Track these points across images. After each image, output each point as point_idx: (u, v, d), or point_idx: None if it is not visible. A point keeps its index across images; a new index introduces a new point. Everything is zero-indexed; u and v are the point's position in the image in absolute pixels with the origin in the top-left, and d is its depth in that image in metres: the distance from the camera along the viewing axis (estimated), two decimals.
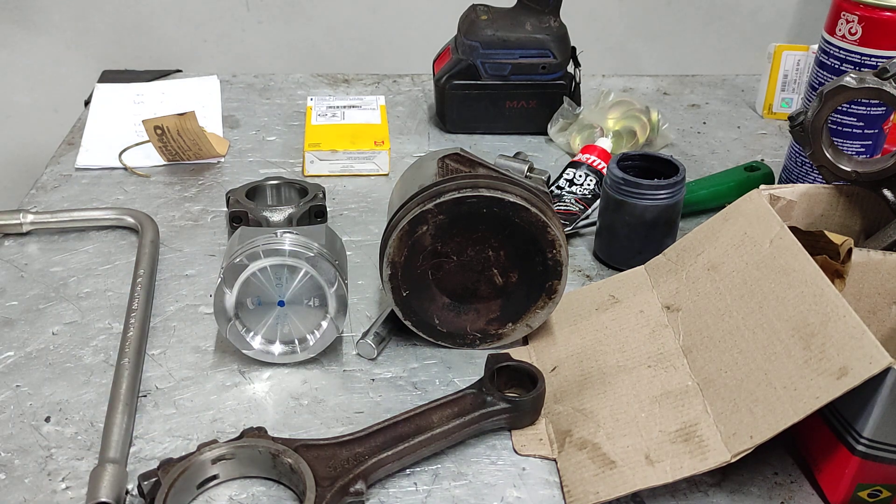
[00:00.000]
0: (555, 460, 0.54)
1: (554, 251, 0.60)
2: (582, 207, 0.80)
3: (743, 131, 1.02)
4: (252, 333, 0.60)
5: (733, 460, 0.48)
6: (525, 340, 0.65)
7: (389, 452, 0.51)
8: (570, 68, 0.96)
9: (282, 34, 1.29)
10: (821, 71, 0.77)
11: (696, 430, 0.51)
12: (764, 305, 0.53)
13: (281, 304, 0.60)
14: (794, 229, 0.56)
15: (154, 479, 0.48)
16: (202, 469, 0.50)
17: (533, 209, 0.58)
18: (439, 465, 0.54)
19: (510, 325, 0.63)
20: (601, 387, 0.58)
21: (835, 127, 0.76)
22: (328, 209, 0.76)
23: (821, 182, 0.68)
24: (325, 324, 0.60)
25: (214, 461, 0.51)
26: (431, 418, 0.54)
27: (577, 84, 0.96)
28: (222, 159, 0.91)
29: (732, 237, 0.59)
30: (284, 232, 0.59)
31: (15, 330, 0.65)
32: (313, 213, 0.74)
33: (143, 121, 0.86)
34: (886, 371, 0.45)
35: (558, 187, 0.82)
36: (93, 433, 0.55)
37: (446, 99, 0.95)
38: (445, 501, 0.51)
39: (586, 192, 0.81)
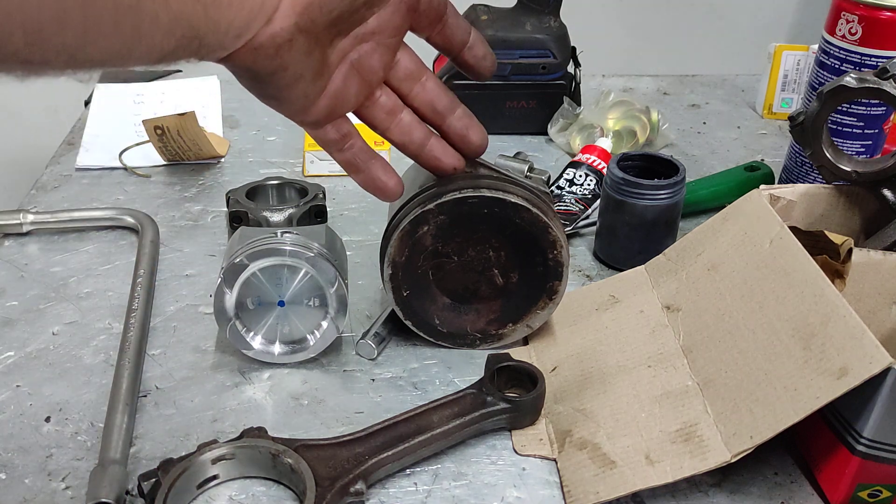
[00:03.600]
0: (555, 460, 0.54)
1: (555, 252, 0.60)
2: (582, 207, 0.80)
3: (743, 131, 1.02)
4: (252, 333, 0.60)
5: (733, 460, 0.48)
6: (525, 340, 0.65)
7: (389, 452, 0.51)
8: (570, 68, 0.96)
9: None
10: (821, 71, 0.77)
11: (696, 430, 0.51)
12: (764, 305, 0.53)
13: (281, 304, 0.59)
14: (794, 229, 0.56)
15: (154, 479, 0.48)
16: (202, 469, 0.50)
17: (534, 210, 0.58)
18: (439, 465, 0.54)
19: (510, 325, 0.63)
20: (601, 387, 0.58)
21: (835, 127, 0.76)
22: (328, 209, 0.76)
23: (821, 182, 0.68)
24: (325, 324, 0.60)
25: (214, 461, 0.51)
26: (431, 418, 0.54)
27: (577, 84, 0.95)
28: (222, 159, 0.91)
29: (732, 237, 0.59)
30: (284, 232, 0.59)
31: (15, 330, 0.65)
32: (313, 213, 0.74)
33: (143, 121, 0.86)
34: (886, 371, 0.44)
35: (558, 187, 0.82)
36: (93, 433, 0.55)
37: None
38: (445, 501, 0.51)
39: (586, 192, 0.81)
